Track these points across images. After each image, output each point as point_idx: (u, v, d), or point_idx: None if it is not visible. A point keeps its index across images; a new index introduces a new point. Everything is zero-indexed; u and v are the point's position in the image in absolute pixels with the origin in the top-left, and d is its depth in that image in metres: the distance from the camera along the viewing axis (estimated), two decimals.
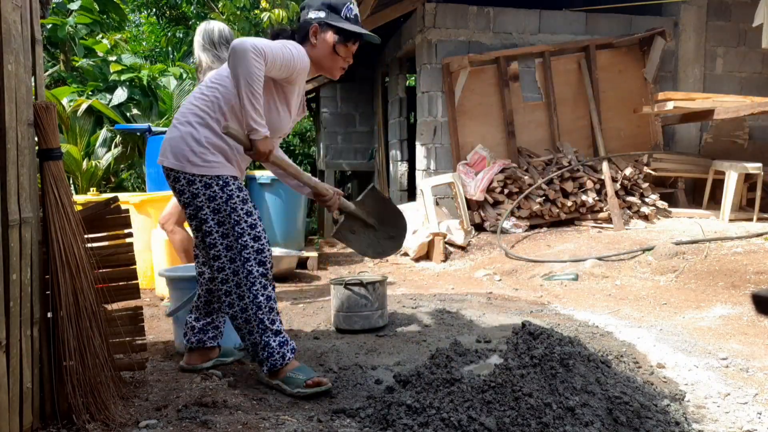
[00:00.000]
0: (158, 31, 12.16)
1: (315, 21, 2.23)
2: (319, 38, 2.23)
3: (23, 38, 1.77)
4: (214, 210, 2.17)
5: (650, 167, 6.21)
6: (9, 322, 1.68)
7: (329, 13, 2.22)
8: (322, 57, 2.26)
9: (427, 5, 6.23)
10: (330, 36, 2.23)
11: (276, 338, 2.22)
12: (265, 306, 2.20)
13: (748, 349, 2.74)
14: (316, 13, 2.23)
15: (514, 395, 1.85)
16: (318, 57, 2.26)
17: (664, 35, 6.41)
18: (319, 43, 2.24)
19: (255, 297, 2.18)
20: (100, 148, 6.91)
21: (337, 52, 2.25)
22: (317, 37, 2.23)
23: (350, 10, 2.26)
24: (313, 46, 2.24)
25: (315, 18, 2.23)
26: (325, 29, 2.23)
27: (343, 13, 2.24)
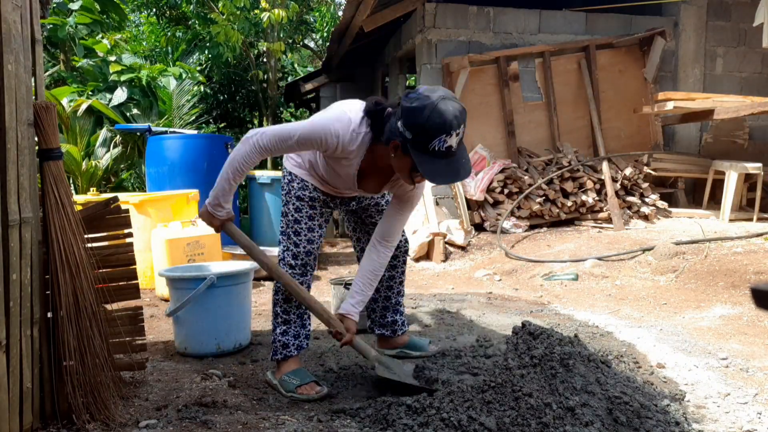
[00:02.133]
0: (158, 31, 12.14)
1: (400, 137, 1.90)
2: (397, 154, 1.95)
3: (23, 38, 1.77)
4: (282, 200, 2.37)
5: (650, 167, 6.21)
6: (9, 322, 1.68)
7: (416, 139, 1.86)
8: (397, 170, 2.04)
9: (427, 5, 6.23)
10: (407, 162, 1.93)
11: (280, 328, 2.35)
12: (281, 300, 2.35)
13: (748, 349, 2.74)
14: (405, 128, 1.88)
15: (514, 395, 1.85)
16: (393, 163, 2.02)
17: (664, 35, 6.41)
18: (395, 158, 1.97)
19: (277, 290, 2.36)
20: (100, 148, 6.91)
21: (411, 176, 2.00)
22: (395, 152, 1.96)
23: (442, 143, 1.84)
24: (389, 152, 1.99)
25: (401, 132, 1.89)
26: (405, 152, 1.91)
27: (431, 145, 1.84)
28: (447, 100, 1.85)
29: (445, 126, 1.82)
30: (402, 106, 1.89)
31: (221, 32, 8.97)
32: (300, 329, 2.37)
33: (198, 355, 2.67)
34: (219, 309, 2.67)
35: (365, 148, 2.08)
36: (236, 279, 2.74)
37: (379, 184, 2.22)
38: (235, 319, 2.74)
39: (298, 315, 2.36)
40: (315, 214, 2.32)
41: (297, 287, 2.23)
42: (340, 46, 8.12)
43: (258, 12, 9.37)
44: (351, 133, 2.03)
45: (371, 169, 2.15)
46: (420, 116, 1.83)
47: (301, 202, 2.29)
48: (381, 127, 2.01)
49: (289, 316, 2.35)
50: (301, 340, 2.36)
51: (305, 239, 2.30)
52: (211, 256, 4.03)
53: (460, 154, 1.92)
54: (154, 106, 7.60)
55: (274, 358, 2.35)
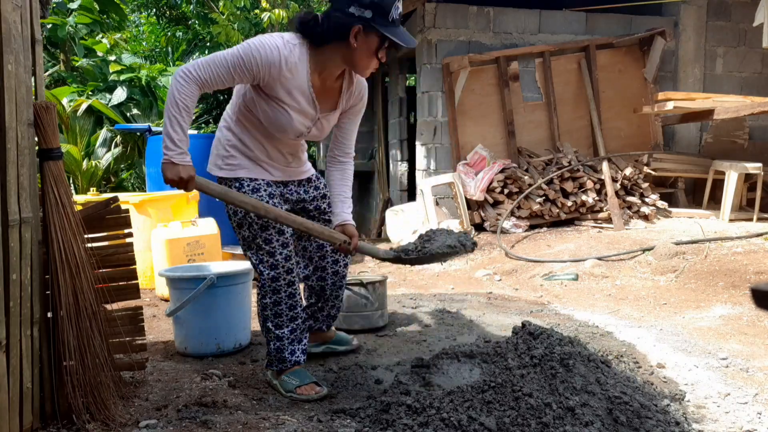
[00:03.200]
0: (158, 31, 12.15)
1: (359, 21, 1.96)
2: (360, 39, 1.99)
3: (23, 38, 1.77)
4: (234, 212, 2.21)
5: (650, 167, 6.21)
6: (9, 322, 1.68)
7: (376, 14, 1.95)
8: (358, 58, 2.05)
9: (427, 5, 6.23)
10: (374, 40, 1.99)
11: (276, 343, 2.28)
12: (271, 310, 2.25)
13: (748, 349, 2.74)
14: (360, 10, 1.94)
15: (514, 395, 1.85)
16: (354, 58, 2.05)
17: (664, 35, 6.41)
18: (359, 44, 2.00)
19: (262, 298, 2.26)
20: (100, 148, 6.91)
21: (377, 55, 2.05)
22: (357, 39, 1.99)
23: (397, 10, 1.98)
24: (350, 46, 2.01)
25: (359, 16, 1.95)
26: (369, 31, 1.97)
27: (390, 15, 1.96)
28: None
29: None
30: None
31: (221, 32, 8.97)
32: (296, 345, 2.29)
33: (198, 355, 2.67)
34: (219, 309, 2.67)
35: (306, 59, 2.08)
36: (236, 279, 2.74)
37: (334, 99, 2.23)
38: (235, 319, 2.74)
39: (291, 330, 2.27)
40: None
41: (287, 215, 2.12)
42: None
43: (258, 12, 9.37)
44: (286, 44, 2.04)
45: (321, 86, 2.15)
46: None
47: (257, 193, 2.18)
48: (319, 32, 2.04)
49: (282, 332, 2.26)
50: (297, 356, 2.28)
51: (279, 244, 2.18)
52: (211, 256, 4.03)
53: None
54: (154, 106, 7.61)
55: (271, 368, 2.30)
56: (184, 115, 1.97)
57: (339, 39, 2.02)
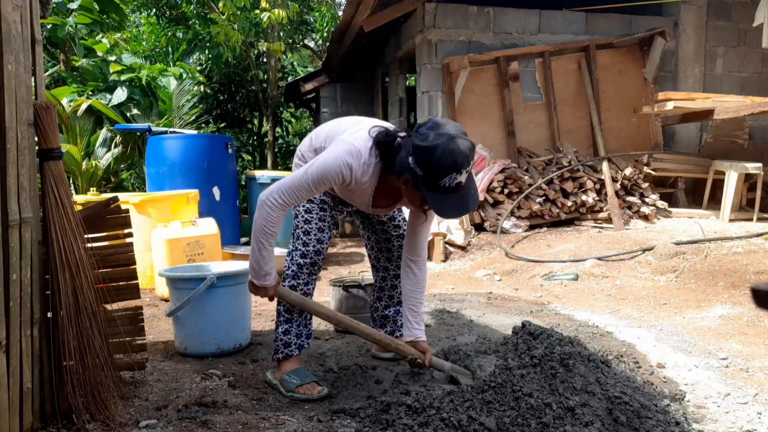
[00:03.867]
0: (158, 31, 12.14)
1: (410, 173, 1.93)
2: (408, 187, 2.00)
3: (23, 38, 1.77)
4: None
5: (650, 167, 6.21)
6: (9, 322, 1.68)
7: (427, 176, 1.89)
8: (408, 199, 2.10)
9: (427, 5, 6.23)
10: (419, 194, 1.98)
11: (282, 327, 2.35)
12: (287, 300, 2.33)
13: (748, 349, 2.74)
14: (415, 165, 1.90)
15: (514, 395, 1.85)
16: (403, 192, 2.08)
17: (664, 35, 6.41)
18: (407, 190, 2.03)
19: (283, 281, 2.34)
20: (100, 148, 6.91)
21: (422, 208, 2.12)
22: (406, 186, 2.00)
23: (452, 180, 1.88)
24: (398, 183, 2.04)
25: (411, 169, 1.91)
26: (416, 186, 1.95)
27: (442, 182, 1.88)
28: (457, 139, 1.87)
29: (456, 166, 1.85)
30: (413, 143, 1.90)
31: (221, 32, 8.97)
32: (302, 329, 2.37)
33: (198, 355, 2.67)
34: (219, 309, 2.67)
35: (377, 177, 2.12)
36: (236, 279, 2.74)
37: (391, 204, 2.30)
38: (235, 319, 2.74)
39: (300, 313, 2.36)
40: (325, 216, 2.35)
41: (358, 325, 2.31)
42: (340, 46, 8.12)
43: (258, 12, 9.37)
44: (362, 166, 2.06)
45: (383, 192, 2.20)
46: (432, 156, 1.86)
47: (311, 203, 2.33)
48: (391, 156, 2.04)
49: (292, 315, 2.34)
50: (302, 340, 2.36)
51: (315, 239, 2.33)
52: (211, 256, 4.03)
53: (468, 187, 1.96)
54: (154, 106, 7.61)
55: (275, 357, 2.35)
56: (271, 242, 2.11)
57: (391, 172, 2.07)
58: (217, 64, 11.11)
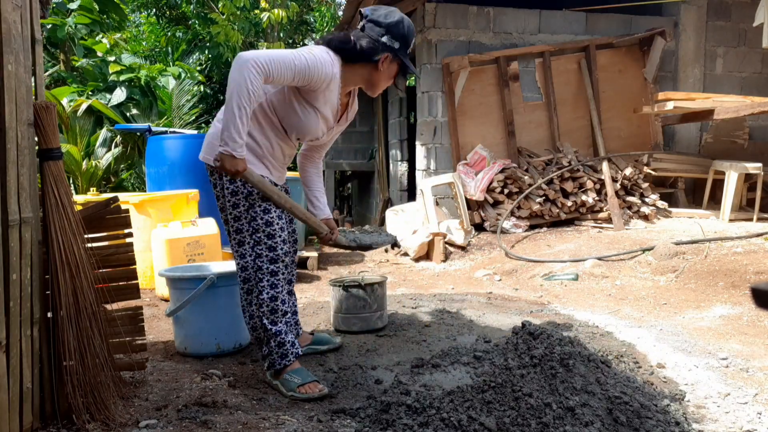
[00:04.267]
0: (158, 31, 12.15)
1: (388, 50, 2.21)
2: (385, 65, 2.25)
3: (23, 38, 1.77)
4: (234, 204, 2.24)
5: (650, 167, 6.21)
6: (9, 322, 1.68)
7: (402, 46, 2.23)
8: (379, 80, 2.29)
9: (427, 5, 6.23)
10: (394, 67, 2.28)
11: (277, 338, 2.27)
12: (267, 305, 2.25)
13: (748, 349, 2.74)
14: (391, 41, 2.20)
15: (514, 395, 1.85)
16: (376, 79, 2.29)
17: (664, 35, 6.41)
18: (384, 69, 2.25)
19: (260, 293, 2.25)
20: (100, 148, 6.91)
21: (394, 80, 2.33)
22: (384, 64, 2.24)
23: (413, 45, 2.29)
24: (376, 69, 2.25)
25: (389, 46, 2.21)
26: (394, 60, 2.25)
27: (409, 49, 2.26)
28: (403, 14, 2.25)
29: (413, 32, 2.27)
30: (383, 23, 2.20)
31: (221, 32, 8.97)
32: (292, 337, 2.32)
33: (198, 355, 2.67)
34: (219, 309, 2.67)
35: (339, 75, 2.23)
36: (236, 279, 2.74)
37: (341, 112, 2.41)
38: (235, 319, 2.73)
39: (285, 323, 2.30)
40: (282, 213, 2.30)
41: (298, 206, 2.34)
42: None
43: (258, 12, 9.38)
44: (333, 62, 2.18)
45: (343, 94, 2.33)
46: (401, 28, 2.22)
47: (267, 202, 2.23)
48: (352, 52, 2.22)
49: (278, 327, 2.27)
50: (296, 348, 2.33)
51: (280, 240, 2.25)
52: (211, 256, 4.03)
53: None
54: (153, 106, 7.61)
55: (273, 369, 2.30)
56: (249, 108, 2.00)
57: (366, 61, 2.23)
58: (217, 64, 11.11)
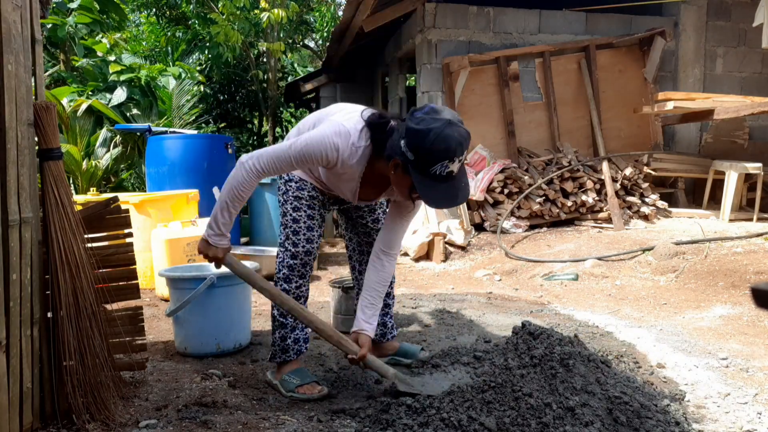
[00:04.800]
0: (158, 31, 12.15)
1: (401, 156, 1.86)
2: (397, 173, 1.92)
3: (23, 38, 1.77)
4: (278, 200, 2.37)
5: (650, 167, 6.21)
6: (9, 322, 1.68)
7: (418, 161, 1.82)
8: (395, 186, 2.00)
9: (427, 5, 6.23)
10: (407, 180, 1.89)
11: (281, 331, 2.32)
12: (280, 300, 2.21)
13: (748, 349, 2.74)
14: (407, 148, 1.83)
15: (514, 395, 1.85)
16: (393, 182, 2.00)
17: (664, 35, 6.41)
18: (395, 176, 1.94)
19: (275, 284, 2.30)
20: (100, 148, 6.91)
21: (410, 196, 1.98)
22: (395, 171, 1.92)
23: (444, 168, 1.80)
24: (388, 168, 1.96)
25: (402, 153, 1.85)
26: (406, 172, 1.87)
27: (433, 169, 1.81)
28: (453, 126, 1.80)
29: (449, 153, 1.78)
30: (407, 126, 1.83)
31: (221, 32, 8.97)
32: (299, 333, 2.35)
33: (198, 355, 2.67)
34: (219, 309, 2.67)
35: (365, 162, 2.03)
36: (236, 279, 2.73)
37: (378, 193, 2.22)
38: (235, 319, 2.74)
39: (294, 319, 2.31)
40: (314, 214, 2.29)
41: (302, 310, 2.13)
42: (340, 47, 8.12)
43: (258, 12, 9.37)
44: (350, 147, 1.97)
45: (370, 179, 2.11)
46: (424, 140, 1.79)
47: (299, 201, 2.27)
48: (382, 140, 1.96)
49: (286, 320, 2.31)
50: (300, 345, 2.34)
51: (304, 239, 2.27)
52: None
53: (460, 178, 1.88)
54: (153, 106, 7.61)
55: (274, 361, 2.35)
56: (237, 205, 2.02)
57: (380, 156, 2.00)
58: (217, 64, 11.11)
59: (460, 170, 1.87)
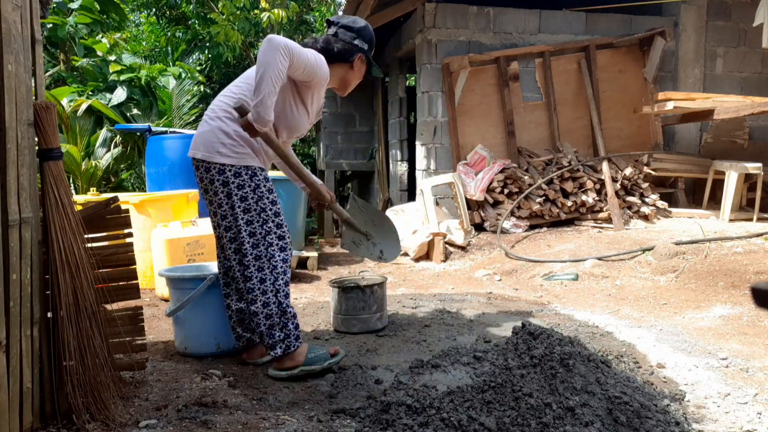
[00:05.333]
0: (158, 30, 12.16)
1: (361, 51, 2.54)
2: (358, 64, 2.57)
3: (23, 38, 1.77)
4: (242, 198, 2.33)
5: (650, 167, 6.21)
6: (9, 322, 1.68)
7: (369, 47, 2.58)
8: (352, 78, 2.61)
9: (427, 5, 6.23)
10: (364, 66, 2.61)
11: (294, 321, 2.39)
12: (283, 291, 2.37)
13: (748, 349, 2.74)
14: (362, 43, 2.55)
15: (514, 395, 1.85)
16: (350, 78, 2.60)
17: (664, 35, 6.41)
18: (356, 68, 2.58)
19: (275, 280, 2.35)
20: (100, 148, 6.91)
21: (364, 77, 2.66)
22: (358, 62, 2.56)
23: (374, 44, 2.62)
24: (351, 68, 2.56)
25: (360, 48, 2.54)
26: (364, 60, 2.59)
27: (372, 51, 2.60)
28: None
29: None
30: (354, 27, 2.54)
31: (221, 32, 8.97)
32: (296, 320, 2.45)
33: (198, 355, 2.67)
34: (219, 309, 2.67)
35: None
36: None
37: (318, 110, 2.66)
38: None
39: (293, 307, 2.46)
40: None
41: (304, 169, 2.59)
42: None
43: (258, 12, 9.38)
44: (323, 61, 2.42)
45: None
46: (368, 32, 2.58)
47: (271, 193, 2.39)
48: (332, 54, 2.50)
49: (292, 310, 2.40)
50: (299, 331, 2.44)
51: (286, 228, 2.43)
52: (211, 256, 4.02)
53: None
54: (153, 106, 7.61)
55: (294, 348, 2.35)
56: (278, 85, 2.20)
57: (343, 62, 2.53)
58: (217, 64, 11.11)
59: None
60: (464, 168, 6.04)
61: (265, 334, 2.36)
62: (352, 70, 2.57)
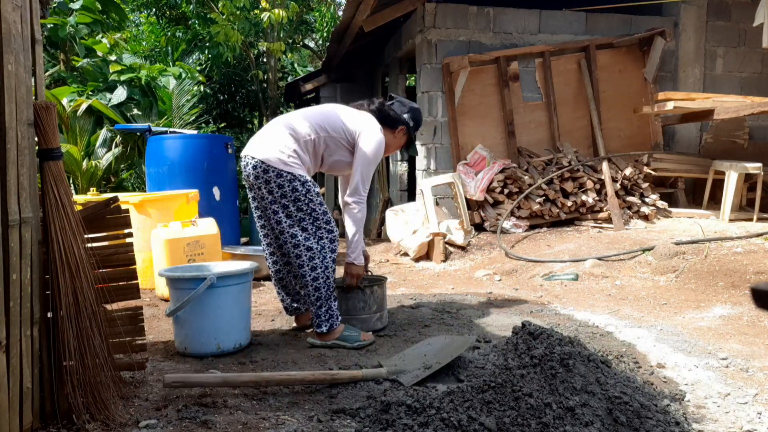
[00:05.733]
0: (158, 31, 12.16)
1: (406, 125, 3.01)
2: (399, 135, 3.03)
3: (23, 38, 1.77)
4: (296, 199, 2.73)
5: (650, 167, 6.21)
6: (9, 322, 1.68)
7: (415, 126, 3.04)
8: (391, 144, 3.03)
9: (427, 5, 6.23)
10: (404, 139, 3.06)
11: (335, 302, 2.81)
12: (332, 278, 2.80)
13: (748, 349, 2.74)
14: (410, 119, 3.01)
15: (514, 395, 1.85)
16: (389, 142, 3.00)
17: (664, 35, 6.40)
18: (397, 137, 3.03)
19: (326, 268, 2.77)
20: (100, 148, 6.91)
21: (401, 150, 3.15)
22: (399, 134, 3.02)
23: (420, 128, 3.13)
24: (393, 135, 3.01)
25: (407, 122, 3.01)
26: (407, 134, 3.05)
27: (417, 131, 3.09)
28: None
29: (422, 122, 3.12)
30: (409, 106, 3.05)
31: (221, 32, 8.98)
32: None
33: (198, 355, 2.67)
34: (219, 309, 2.67)
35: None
36: (236, 279, 2.74)
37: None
38: (235, 319, 2.74)
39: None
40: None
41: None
42: (340, 46, 8.12)
43: (258, 12, 9.38)
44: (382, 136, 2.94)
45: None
46: (418, 114, 3.08)
47: (318, 197, 2.79)
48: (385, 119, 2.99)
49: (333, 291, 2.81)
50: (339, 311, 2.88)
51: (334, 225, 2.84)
52: (211, 256, 4.03)
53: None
54: (154, 106, 7.61)
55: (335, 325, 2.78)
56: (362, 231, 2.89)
57: (389, 127, 3.00)
58: (217, 64, 11.12)
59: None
60: (464, 168, 6.04)
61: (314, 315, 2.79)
62: (393, 137, 3.01)
